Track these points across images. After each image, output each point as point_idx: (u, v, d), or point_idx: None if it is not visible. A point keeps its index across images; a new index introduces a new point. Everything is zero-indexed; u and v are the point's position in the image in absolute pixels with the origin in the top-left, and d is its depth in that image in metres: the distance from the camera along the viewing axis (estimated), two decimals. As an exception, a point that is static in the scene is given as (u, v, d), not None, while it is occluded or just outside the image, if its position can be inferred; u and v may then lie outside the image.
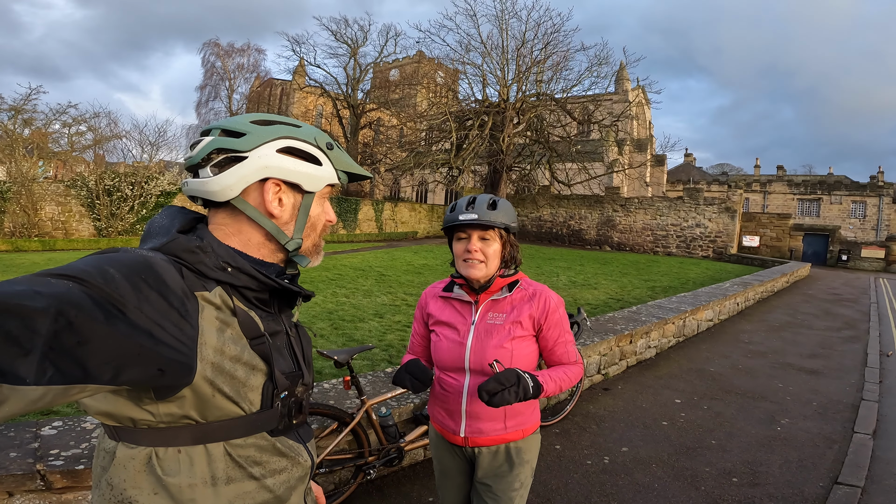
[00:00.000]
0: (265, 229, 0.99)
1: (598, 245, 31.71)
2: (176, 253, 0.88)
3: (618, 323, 6.33)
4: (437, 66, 40.63)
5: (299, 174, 0.99)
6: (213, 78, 48.98)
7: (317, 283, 11.00)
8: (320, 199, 1.05)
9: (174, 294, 0.81)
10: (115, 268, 0.75)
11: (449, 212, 1.73)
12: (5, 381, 0.59)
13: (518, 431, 1.74)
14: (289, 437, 0.99)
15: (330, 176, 1.03)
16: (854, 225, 42.57)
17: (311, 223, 1.04)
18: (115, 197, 20.82)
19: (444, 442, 1.83)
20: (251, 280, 0.93)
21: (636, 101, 40.00)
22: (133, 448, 0.85)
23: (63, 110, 23.47)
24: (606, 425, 4.30)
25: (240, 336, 0.90)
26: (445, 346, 1.74)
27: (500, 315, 1.71)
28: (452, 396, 1.74)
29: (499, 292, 1.73)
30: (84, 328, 0.65)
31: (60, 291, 0.66)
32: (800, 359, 7.08)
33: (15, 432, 2.27)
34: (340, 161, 1.06)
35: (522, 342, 1.70)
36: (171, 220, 0.97)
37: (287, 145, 0.98)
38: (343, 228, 29.50)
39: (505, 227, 1.67)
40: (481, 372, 1.68)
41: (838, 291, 16.40)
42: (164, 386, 0.80)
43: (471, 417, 1.71)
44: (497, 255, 1.69)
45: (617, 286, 13.57)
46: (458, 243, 1.72)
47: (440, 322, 1.79)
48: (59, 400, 0.66)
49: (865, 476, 3.67)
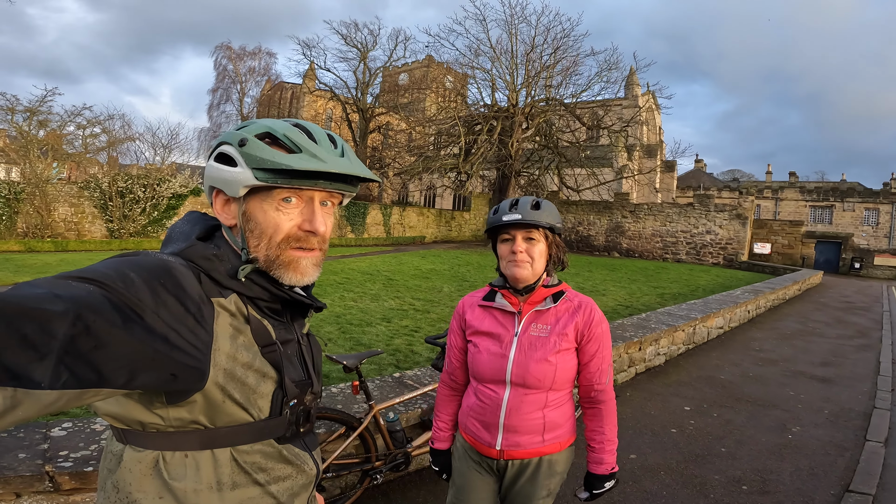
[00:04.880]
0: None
1: (607, 251, 31.55)
2: (193, 259, 0.89)
3: (627, 330, 6.29)
4: (446, 70, 40.66)
5: (218, 180, 0.92)
6: (225, 81, 49.45)
7: (325, 287, 11.03)
8: (268, 203, 0.92)
9: (191, 299, 0.81)
10: (135, 272, 0.76)
11: (492, 214, 1.68)
12: (20, 385, 0.59)
13: (555, 444, 1.69)
14: (295, 445, 0.99)
15: (245, 178, 0.88)
16: (867, 232, 42.12)
17: (258, 231, 0.92)
18: (127, 199, 21.00)
19: (473, 453, 1.77)
20: (263, 291, 0.94)
21: (646, 107, 39.84)
22: (140, 451, 0.85)
23: (78, 112, 23.76)
24: (614, 432, 4.25)
25: (252, 343, 0.90)
26: (486, 359, 1.68)
27: (544, 327, 1.66)
28: (490, 409, 1.68)
29: (542, 303, 1.69)
30: (101, 333, 0.66)
31: (80, 295, 0.66)
32: (811, 367, 6.99)
33: (25, 433, 2.28)
34: (252, 158, 0.88)
35: (566, 355, 1.66)
36: (192, 227, 0.98)
37: (219, 151, 0.92)
38: (351, 232, 29.60)
39: (550, 227, 1.63)
40: (523, 385, 1.63)
41: (851, 299, 16.20)
42: (176, 391, 0.80)
43: (508, 431, 1.66)
44: (543, 255, 1.65)
45: (626, 293, 13.49)
46: (503, 245, 1.67)
47: (480, 332, 1.73)
48: (72, 404, 0.66)
49: (877, 484, 3.62)
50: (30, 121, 21.75)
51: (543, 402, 1.66)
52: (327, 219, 0.98)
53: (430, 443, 1.92)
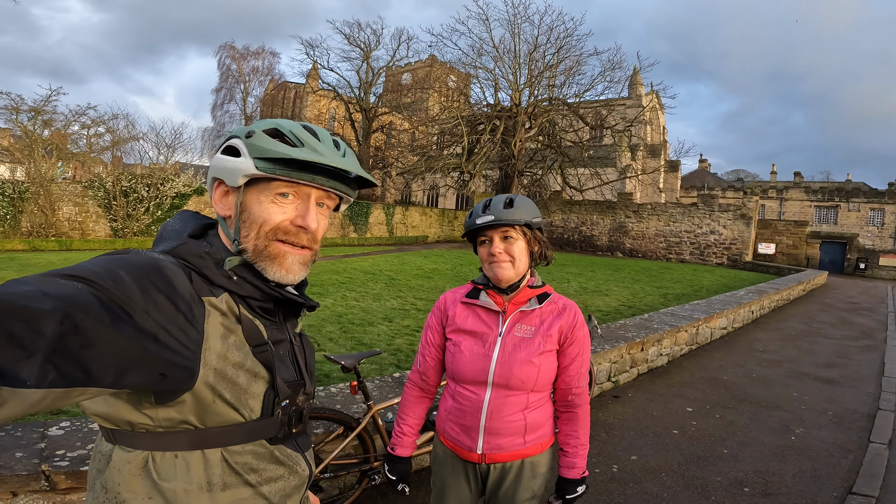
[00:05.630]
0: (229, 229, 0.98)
1: (610, 251, 31.50)
2: (185, 257, 0.88)
3: (629, 330, 6.27)
4: (449, 70, 40.68)
5: (221, 169, 0.94)
6: (229, 81, 49.65)
7: (327, 287, 11.04)
8: (264, 195, 0.93)
9: (182, 298, 0.80)
10: (125, 270, 0.75)
11: (467, 218, 1.67)
12: (5, 383, 0.58)
13: (537, 445, 1.68)
14: (287, 446, 0.98)
15: (246, 166, 0.90)
16: (872, 233, 41.96)
17: (250, 221, 0.93)
18: (131, 198, 21.06)
19: (453, 460, 1.73)
20: (255, 290, 0.93)
21: (650, 106, 39.76)
22: (130, 451, 0.84)
23: (82, 112, 23.75)
24: (616, 433, 4.24)
25: (243, 343, 0.90)
26: (467, 358, 1.64)
27: (529, 328, 1.64)
28: (470, 411, 1.64)
29: (527, 304, 1.66)
30: (90, 331, 0.65)
31: (68, 293, 0.65)
32: (815, 368, 6.95)
33: (22, 432, 2.28)
34: (255, 147, 0.91)
35: (549, 357, 1.64)
36: (184, 225, 0.98)
37: (228, 144, 0.94)
38: (354, 232, 29.62)
39: (526, 223, 1.60)
40: (506, 386, 1.60)
41: (855, 300, 16.13)
42: (165, 390, 0.79)
43: (489, 433, 1.63)
44: (524, 252, 1.63)
45: (629, 293, 13.46)
46: (482, 247, 1.66)
47: (462, 330, 1.68)
48: (58, 402, 0.65)
49: (880, 486, 3.60)
50: (34, 120, 21.79)
51: (525, 403, 1.63)
52: (321, 219, 0.98)
53: (389, 448, 1.83)
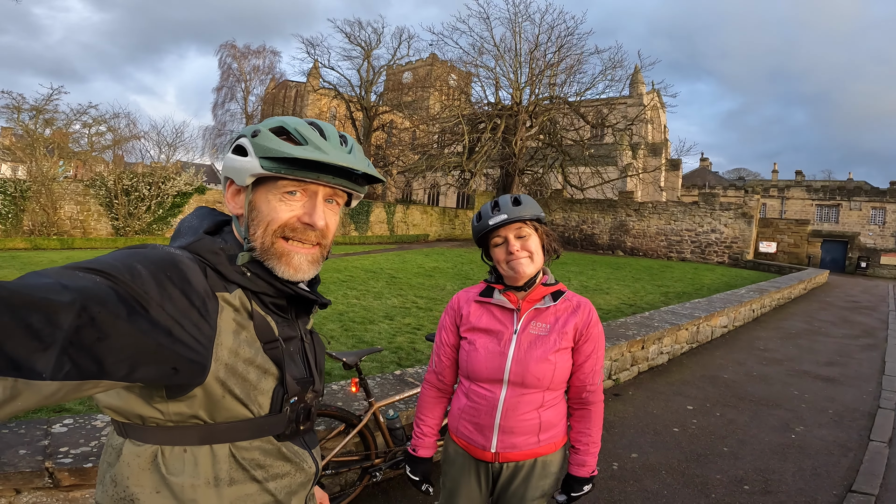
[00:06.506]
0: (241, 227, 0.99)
1: (611, 250, 31.47)
2: (200, 253, 0.90)
3: (630, 328, 6.27)
4: (449, 68, 40.64)
5: (230, 169, 0.95)
6: (230, 79, 49.71)
7: (328, 285, 11.04)
8: (272, 193, 0.94)
9: (196, 293, 0.82)
10: (142, 264, 0.77)
11: (476, 222, 1.66)
12: (21, 375, 0.58)
13: (551, 444, 1.67)
14: (294, 443, 0.99)
15: (253, 166, 0.91)
16: (873, 231, 41.87)
17: (258, 219, 0.94)
18: (132, 197, 21.07)
19: (465, 459, 1.72)
20: (267, 286, 0.94)
21: (651, 105, 39.70)
22: (140, 445, 0.86)
23: (84, 111, 23.72)
24: (616, 431, 4.25)
25: (254, 339, 0.91)
26: (483, 356, 1.64)
27: (543, 325, 1.64)
28: (485, 410, 1.64)
29: (541, 301, 1.66)
30: (106, 324, 0.66)
31: (87, 286, 0.67)
32: (816, 366, 6.96)
33: (26, 429, 2.29)
34: (261, 147, 0.91)
35: (565, 354, 1.64)
36: (201, 221, 1.00)
37: (236, 143, 0.95)
38: (355, 230, 29.62)
39: (536, 218, 1.63)
40: (521, 384, 1.60)
41: (857, 299, 16.11)
42: (176, 385, 0.81)
43: (504, 432, 1.62)
44: (539, 247, 1.64)
45: (629, 291, 13.45)
46: (498, 249, 1.64)
47: (476, 329, 1.68)
48: (70, 396, 0.65)
49: (880, 484, 3.61)
50: (36, 119, 21.79)
51: (540, 401, 1.63)
52: (329, 216, 0.98)
53: (410, 449, 1.82)
